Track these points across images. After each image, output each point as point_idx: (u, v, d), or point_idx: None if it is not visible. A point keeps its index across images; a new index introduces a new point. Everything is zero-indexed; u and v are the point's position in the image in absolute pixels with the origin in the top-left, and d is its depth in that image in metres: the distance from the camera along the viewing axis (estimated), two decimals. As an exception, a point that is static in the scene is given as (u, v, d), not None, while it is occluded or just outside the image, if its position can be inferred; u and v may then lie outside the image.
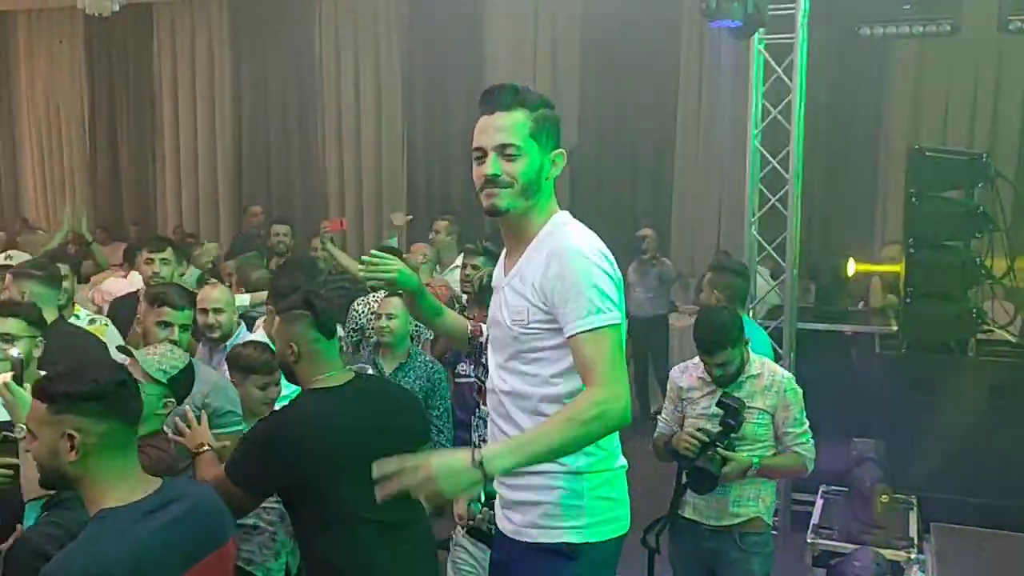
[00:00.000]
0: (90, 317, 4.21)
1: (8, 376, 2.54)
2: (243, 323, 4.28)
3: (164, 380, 2.72)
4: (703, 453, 3.25)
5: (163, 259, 4.67)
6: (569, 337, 2.06)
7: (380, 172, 10.09)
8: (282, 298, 3.21)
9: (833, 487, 4.69)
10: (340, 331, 3.49)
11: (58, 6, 10.73)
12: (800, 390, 3.41)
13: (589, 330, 2.03)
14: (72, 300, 4.20)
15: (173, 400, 2.78)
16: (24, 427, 2.09)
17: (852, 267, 5.78)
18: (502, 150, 2.15)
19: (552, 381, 2.17)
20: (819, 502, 4.58)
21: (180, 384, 2.78)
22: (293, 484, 2.62)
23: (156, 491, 2.01)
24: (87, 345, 3.80)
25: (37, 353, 3.09)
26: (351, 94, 10.09)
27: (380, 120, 10.03)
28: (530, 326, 2.16)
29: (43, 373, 2.52)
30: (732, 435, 3.27)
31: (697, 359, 3.46)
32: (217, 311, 3.95)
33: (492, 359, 2.32)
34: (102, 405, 1.95)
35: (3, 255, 4.34)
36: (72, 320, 4.08)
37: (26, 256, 4.87)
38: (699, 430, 3.31)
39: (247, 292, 5.06)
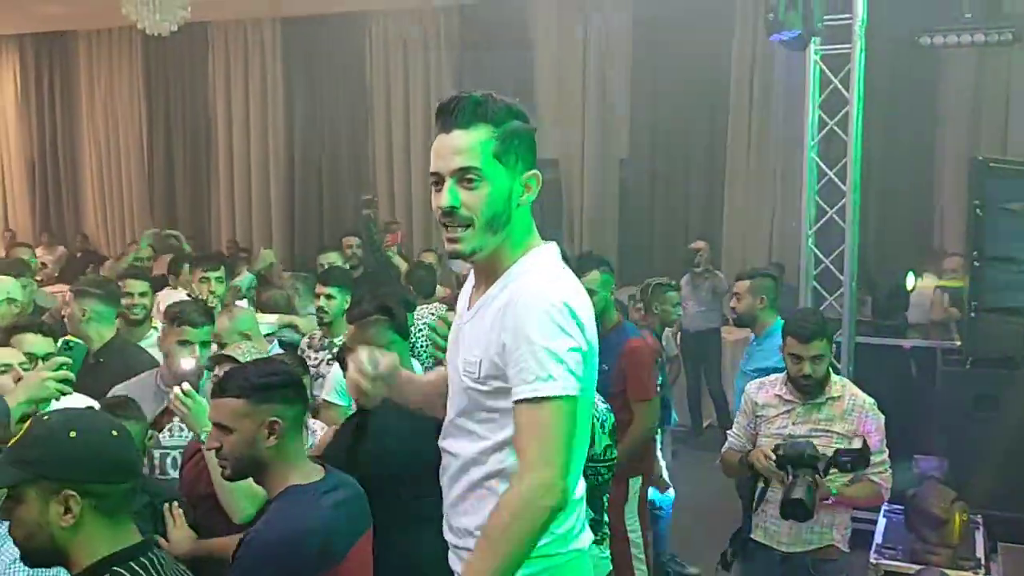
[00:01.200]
0: None
1: (187, 386, 2.74)
2: (276, 342, 4.30)
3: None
4: (798, 479, 3.09)
5: (218, 277, 4.72)
6: (513, 402, 1.72)
7: (429, 190, 10.12)
8: (355, 306, 3.26)
9: (896, 505, 4.58)
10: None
11: (118, 26, 11.01)
12: (883, 416, 3.31)
13: (529, 399, 1.68)
14: (150, 315, 4.28)
15: None
16: (206, 431, 2.39)
17: (912, 281, 5.67)
18: (461, 175, 1.79)
19: (503, 450, 1.80)
20: (881, 521, 4.48)
21: None
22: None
23: (326, 475, 2.23)
24: (142, 359, 3.84)
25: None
26: (401, 112, 10.20)
27: (430, 138, 10.05)
28: (482, 380, 1.80)
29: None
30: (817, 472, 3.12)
31: (774, 376, 3.41)
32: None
33: (448, 418, 1.96)
34: (292, 391, 2.22)
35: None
36: (151, 333, 4.15)
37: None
38: (778, 452, 3.19)
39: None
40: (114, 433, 1.70)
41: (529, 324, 1.71)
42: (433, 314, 4.81)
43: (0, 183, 12.54)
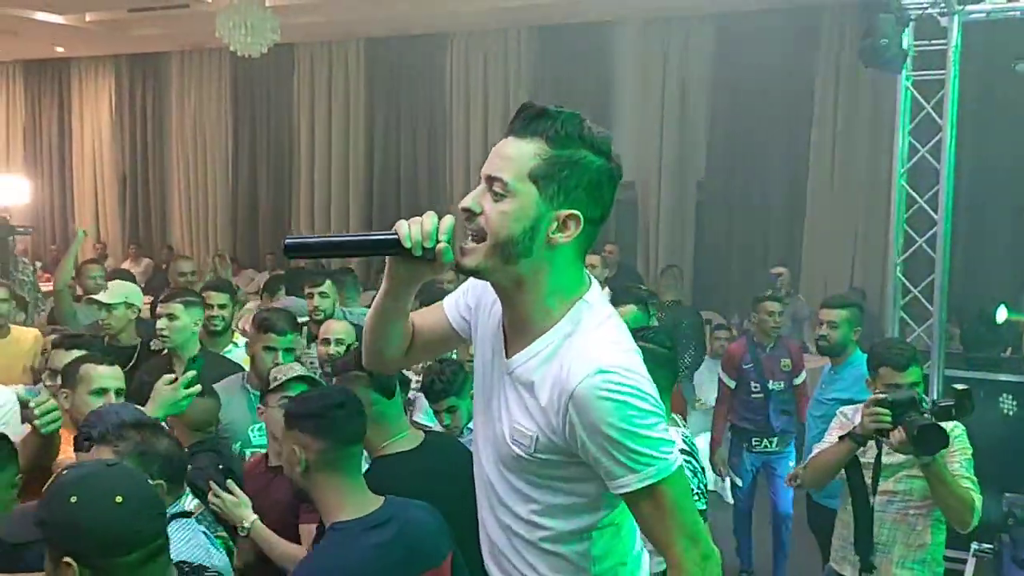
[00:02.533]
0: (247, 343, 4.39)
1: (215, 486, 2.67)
2: None
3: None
4: (907, 415, 2.93)
5: (322, 292, 4.81)
6: (620, 494, 1.57)
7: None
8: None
9: (985, 545, 4.44)
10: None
11: (208, 48, 11.40)
12: (971, 448, 3.15)
13: (642, 488, 1.52)
14: (232, 328, 4.39)
15: None
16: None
17: (1003, 314, 5.49)
18: (491, 183, 1.56)
19: (557, 517, 1.65)
20: (971, 560, 4.34)
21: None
22: None
23: (379, 508, 2.16)
24: (230, 367, 3.93)
25: None
26: (479, 131, 10.32)
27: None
28: (536, 455, 1.61)
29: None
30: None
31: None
32: (339, 342, 3.95)
33: (482, 447, 1.77)
34: (324, 424, 2.14)
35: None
36: (231, 347, 4.27)
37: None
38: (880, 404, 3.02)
39: None
40: (118, 500, 1.54)
41: (608, 419, 1.50)
42: None
43: (94, 198, 13.04)
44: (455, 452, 2.69)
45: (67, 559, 1.52)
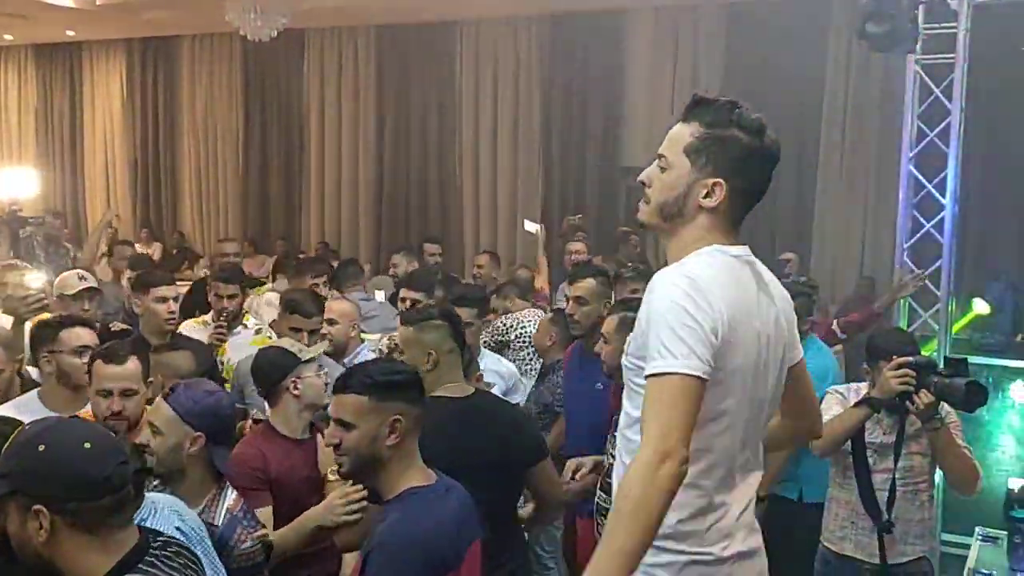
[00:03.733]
0: (257, 327, 4.41)
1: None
2: (365, 342, 4.36)
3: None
4: (929, 378, 2.99)
5: (325, 283, 4.91)
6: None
7: (515, 196, 10.25)
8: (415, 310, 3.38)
9: (990, 529, 4.43)
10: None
11: (219, 32, 11.42)
12: (954, 416, 3.21)
13: (652, 375, 1.69)
14: (239, 314, 4.41)
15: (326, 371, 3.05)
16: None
17: (981, 306, 5.50)
18: (658, 158, 1.91)
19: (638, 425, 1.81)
20: (975, 544, 4.32)
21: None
22: None
23: (439, 479, 2.23)
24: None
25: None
26: (489, 120, 10.32)
27: (517, 145, 10.20)
28: (629, 357, 1.90)
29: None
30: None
31: (856, 385, 3.35)
32: (331, 322, 3.97)
33: None
34: (417, 391, 2.23)
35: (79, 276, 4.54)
36: (240, 329, 4.30)
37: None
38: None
39: None
40: (86, 446, 1.59)
41: (657, 302, 1.75)
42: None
43: (104, 182, 13.10)
44: (498, 407, 3.01)
45: (37, 507, 1.55)
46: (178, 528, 2.08)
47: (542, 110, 9.99)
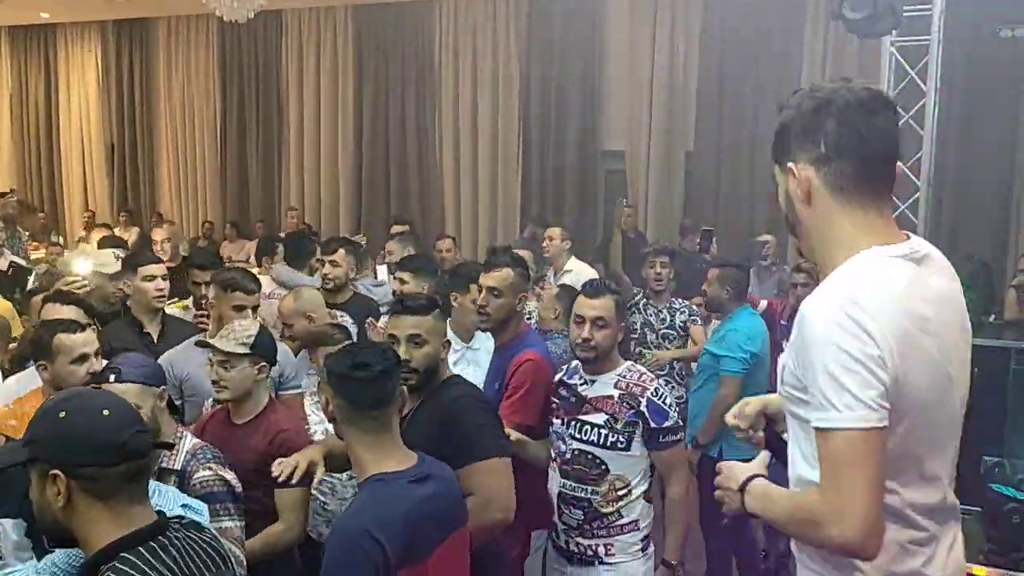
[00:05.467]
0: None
1: None
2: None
3: (247, 350, 2.88)
4: None
5: (332, 260, 4.79)
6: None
7: (495, 177, 10.24)
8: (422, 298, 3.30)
9: (962, 505, 4.51)
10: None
11: (196, 13, 11.31)
12: None
13: (818, 429, 1.52)
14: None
15: (265, 364, 2.94)
16: None
17: None
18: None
19: (798, 459, 1.69)
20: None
21: (263, 347, 2.93)
22: None
23: (416, 464, 2.20)
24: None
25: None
26: (468, 100, 10.28)
27: (496, 126, 10.18)
28: (785, 387, 1.68)
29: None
30: None
31: None
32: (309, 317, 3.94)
33: None
34: (336, 381, 2.19)
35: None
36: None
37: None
38: None
39: None
40: (105, 413, 1.63)
41: (810, 344, 1.53)
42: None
43: (81, 165, 12.96)
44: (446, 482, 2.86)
45: (55, 471, 1.58)
46: (184, 505, 2.16)
47: (521, 91, 9.97)
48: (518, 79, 9.97)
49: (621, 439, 2.95)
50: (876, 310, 1.50)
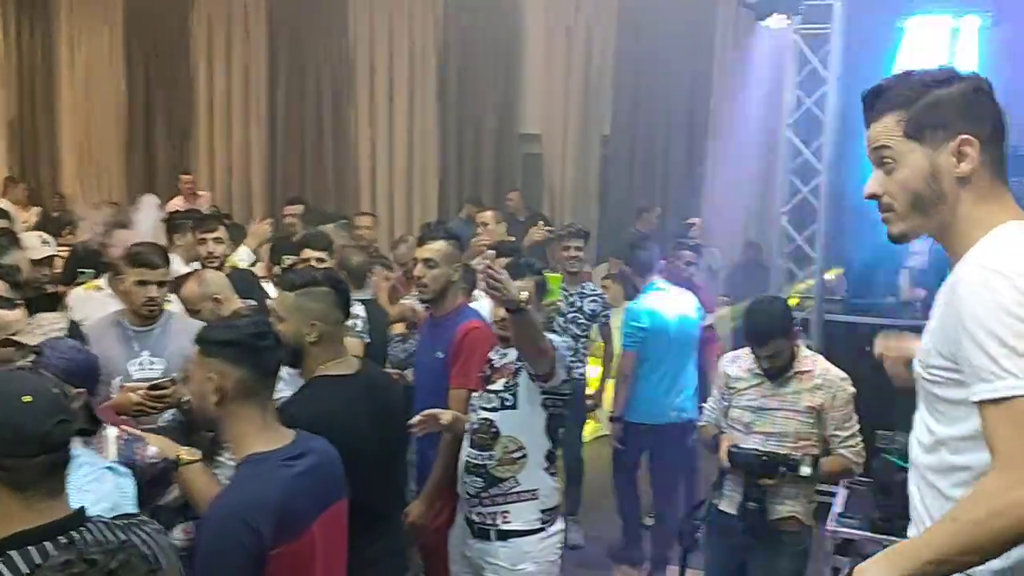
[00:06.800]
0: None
1: None
2: None
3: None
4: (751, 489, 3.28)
5: (216, 238, 4.69)
6: (974, 402, 1.50)
7: (412, 155, 10.16)
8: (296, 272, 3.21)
9: (858, 477, 4.68)
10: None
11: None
12: (851, 390, 3.37)
13: (990, 400, 1.46)
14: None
15: None
16: None
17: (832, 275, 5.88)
18: (881, 163, 1.70)
19: (947, 446, 1.64)
20: (842, 491, 4.58)
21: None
22: None
23: (292, 442, 2.18)
24: None
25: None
26: (384, 80, 10.15)
27: (413, 103, 10.09)
28: (930, 369, 1.65)
29: None
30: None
31: (748, 350, 3.44)
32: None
33: None
34: (246, 352, 2.12)
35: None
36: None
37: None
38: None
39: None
40: (26, 400, 1.54)
41: (972, 305, 1.50)
42: None
43: (-21, 143, 12.41)
44: (386, 386, 2.93)
45: None
46: (109, 467, 2.17)
47: (439, 72, 9.90)
48: (435, 60, 9.89)
49: (509, 396, 2.99)
50: None
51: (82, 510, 1.63)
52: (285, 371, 3.27)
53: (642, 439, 4.85)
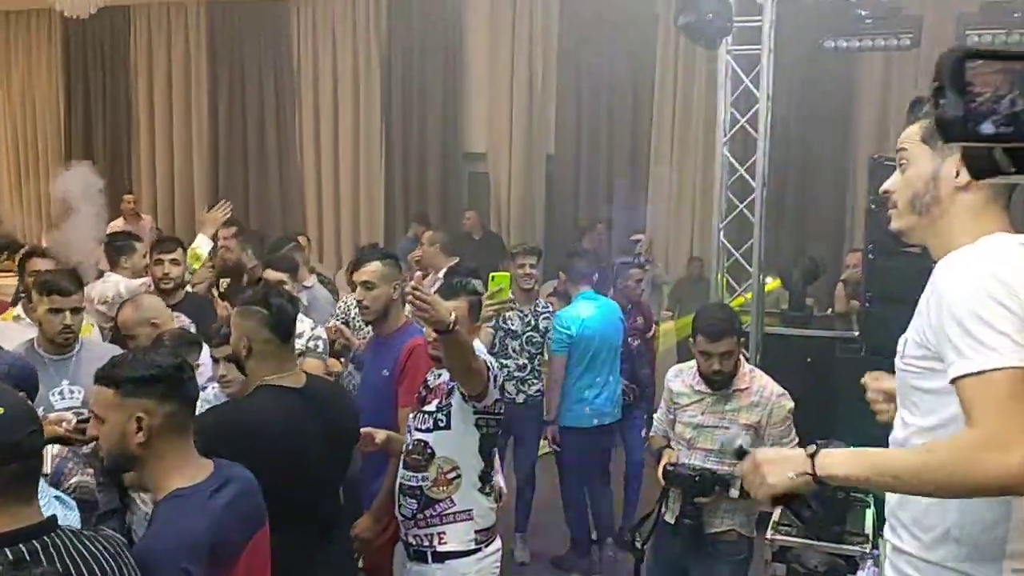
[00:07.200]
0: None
1: None
2: None
3: None
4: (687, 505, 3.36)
5: (173, 259, 4.66)
6: (950, 381, 1.58)
7: (357, 176, 10.15)
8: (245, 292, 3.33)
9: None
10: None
11: (36, 7, 10.73)
12: (788, 406, 3.44)
13: (970, 374, 1.54)
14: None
15: None
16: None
17: (770, 281, 6.01)
18: (899, 163, 1.83)
19: (919, 435, 1.74)
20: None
21: None
22: None
23: (213, 473, 2.14)
24: None
25: None
26: (328, 100, 10.15)
27: (358, 127, 10.09)
28: (907, 359, 1.77)
29: None
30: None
31: (692, 363, 3.50)
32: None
33: None
34: (173, 387, 2.08)
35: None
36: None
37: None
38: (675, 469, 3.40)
39: None
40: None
41: (951, 292, 1.60)
42: None
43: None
44: (335, 400, 2.97)
45: None
46: (56, 497, 2.20)
47: (383, 92, 9.92)
48: (379, 80, 9.92)
49: (442, 417, 3.02)
50: (1019, 284, 1.56)
51: (54, 517, 1.69)
52: (211, 391, 3.36)
53: (578, 441, 5.06)
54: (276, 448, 2.58)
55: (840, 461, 1.66)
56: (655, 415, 3.78)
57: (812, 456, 1.68)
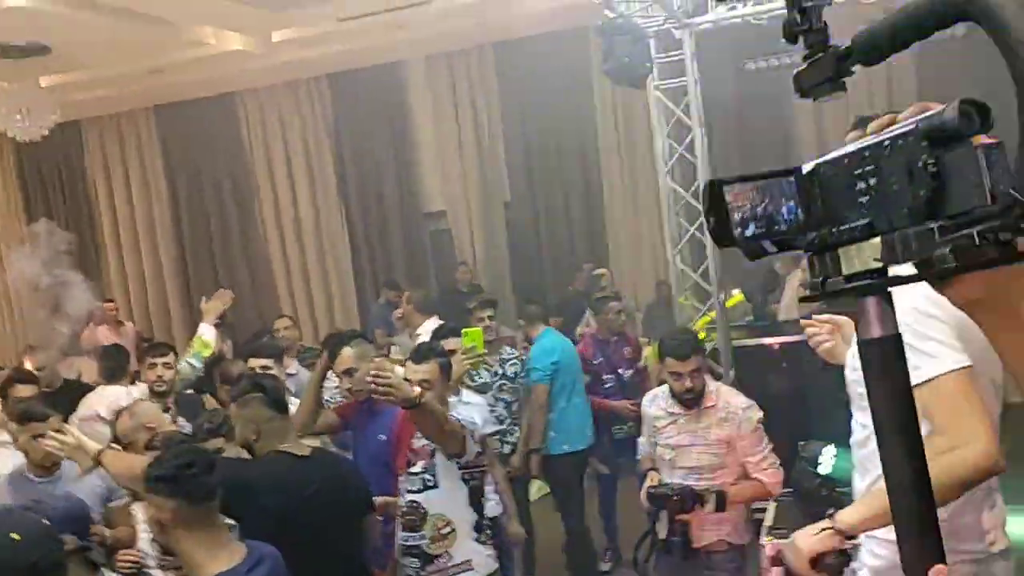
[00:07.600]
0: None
1: None
2: None
3: None
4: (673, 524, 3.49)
5: (165, 363, 4.75)
6: None
7: (323, 252, 10.33)
8: (233, 385, 3.46)
9: (786, 490, 4.93)
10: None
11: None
12: (757, 415, 3.57)
13: (920, 383, 1.64)
14: None
15: None
16: None
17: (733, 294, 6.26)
18: None
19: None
20: (771, 505, 4.82)
21: None
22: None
23: (248, 553, 2.30)
24: None
25: None
26: (284, 181, 10.36)
27: (317, 204, 10.29)
28: (856, 369, 1.89)
29: None
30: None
31: (665, 388, 3.65)
32: None
33: None
34: (167, 486, 2.23)
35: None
36: None
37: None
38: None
39: None
40: (14, 537, 1.75)
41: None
42: None
43: None
44: (338, 465, 3.13)
45: None
46: None
47: (337, 168, 10.15)
48: (331, 159, 10.15)
49: (429, 477, 3.18)
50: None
51: None
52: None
53: (575, 462, 5.17)
54: (274, 503, 2.72)
55: (852, 508, 1.84)
56: (639, 440, 3.94)
57: (831, 515, 1.87)
